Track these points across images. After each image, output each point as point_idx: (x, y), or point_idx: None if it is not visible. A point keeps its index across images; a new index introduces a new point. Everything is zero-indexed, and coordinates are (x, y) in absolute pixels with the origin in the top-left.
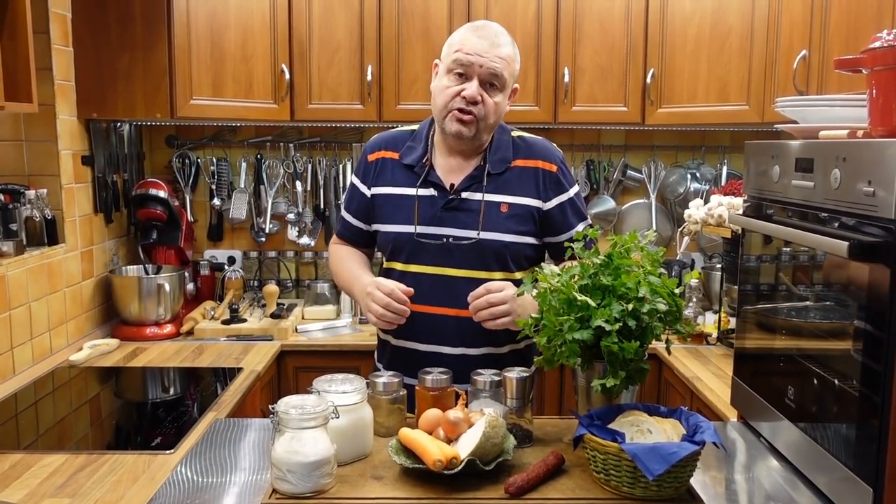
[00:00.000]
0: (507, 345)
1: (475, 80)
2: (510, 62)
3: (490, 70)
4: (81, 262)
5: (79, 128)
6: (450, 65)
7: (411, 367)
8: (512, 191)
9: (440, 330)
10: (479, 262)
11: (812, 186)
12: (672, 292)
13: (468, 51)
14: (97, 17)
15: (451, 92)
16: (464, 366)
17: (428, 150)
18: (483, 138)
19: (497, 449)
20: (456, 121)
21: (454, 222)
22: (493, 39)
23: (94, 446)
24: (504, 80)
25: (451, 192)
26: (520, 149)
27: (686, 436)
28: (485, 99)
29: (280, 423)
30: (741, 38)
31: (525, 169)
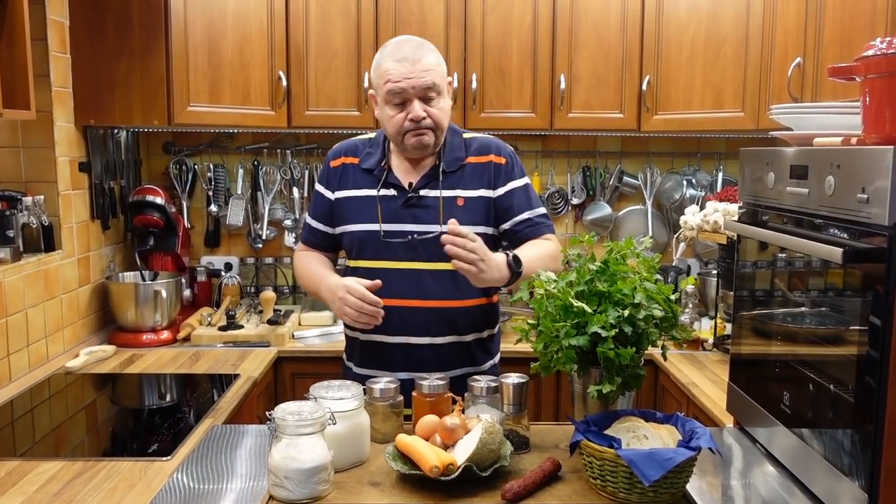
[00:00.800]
0: (472, 333)
1: (414, 101)
2: (436, 68)
3: (422, 86)
4: (78, 268)
5: (76, 134)
6: (385, 97)
7: (383, 360)
8: (465, 185)
9: (408, 321)
10: (442, 253)
11: (807, 193)
12: (668, 298)
13: (396, 79)
14: (95, 25)
15: (398, 119)
16: (431, 355)
17: (385, 154)
18: (441, 141)
19: (494, 455)
20: (414, 137)
21: (415, 218)
22: (413, 58)
23: (90, 453)
24: (439, 87)
25: (409, 190)
26: (471, 147)
27: (682, 442)
28: (430, 112)
29: (277, 429)
30: (736, 45)
31: (477, 164)
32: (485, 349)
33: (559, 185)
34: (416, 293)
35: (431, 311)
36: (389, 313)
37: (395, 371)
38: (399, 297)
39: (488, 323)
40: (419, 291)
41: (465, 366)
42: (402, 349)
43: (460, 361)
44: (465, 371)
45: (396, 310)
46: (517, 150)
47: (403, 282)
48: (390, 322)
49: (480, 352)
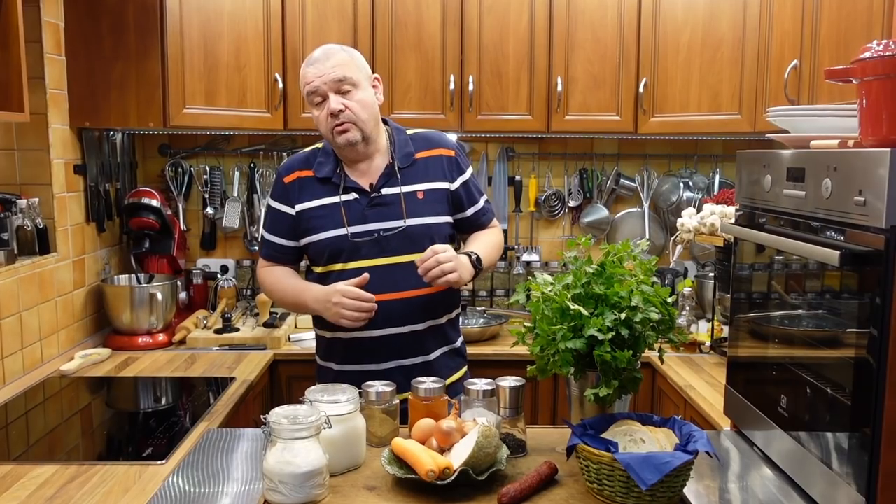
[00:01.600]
0: (444, 315)
1: (330, 96)
2: (347, 63)
3: (333, 79)
4: (73, 271)
5: (71, 137)
6: (307, 99)
7: (369, 354)
8: (422, 179)
9: (388, 314)
10: (409, 246)
11: (803, 196)
12: (665, 301)
13: (310, 79)
14: (90, 27)
15: (322, 117)
16: (412, 341)
17: (338, 161)
18: (373, 135)
19: (490, 459)
20: (339, 134)
21: (380, 217)
22: (324, 58)
23: (85, 457)
24: (353, 80)
25: (371, 190)
26: (418, 142)
27: (679, 445)
28: (347, 104)
29: (272, 433)
30: (733, 47)
31: (428, 158)
32: (454, 327)
33: (556, 187)
34: (390, 286)
35: (408, 301)
36: None
37: (381, 362)
38: (376, 292)
39: (454, 303)
40: (393, 284)
41: (441, 346)
42: (386, 340)
43: (437, 342)
44: (443, 350)
45: (377, 304)
46: (514, 153)
47: (377, 278)
48: (374, 317)
49: (452, 330)
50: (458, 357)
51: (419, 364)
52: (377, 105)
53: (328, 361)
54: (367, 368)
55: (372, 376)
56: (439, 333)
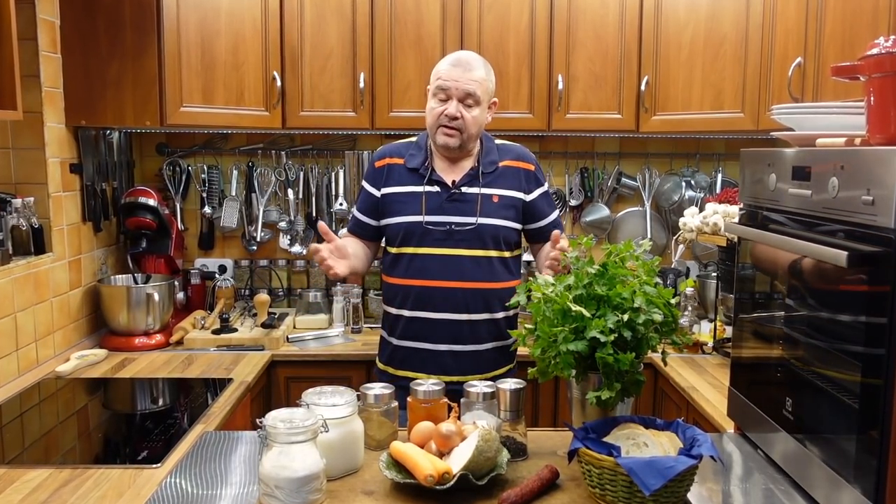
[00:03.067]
0: (501, 311)
1: (454, 101)
2: (482, 82)
3: (464, 90)
4: (69, 271)
5: (67, 135)
6: (434, 90)
7: (425, 335)
8: (500, 185)
9: (449, 299)
10: (478, 242)
11: (809, 195)
12: (668, 302)
13: (446, 78)
14: (86, 24)
15: (437, 112)
16: (468, 330)
17: (428, 155)
18: (469, 146)
19: (490, 463)
20: (443, 135)
21: (456, 211)
22: (467, 66)
23: (80, 459)
24: (478, 97)
25: (452, 187)
26: (503, 153)
27: (683, 449)
28: (463, 114)
29: (268, 437)
30: (735, 45)
31: (509, 168)
32: (511, 325)
33: (557, 186)
34: (456, 275)
35: (469, 291)
36: (433, 293)
37: (436, 343)
38: (442, 278)
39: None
40: (459, 273)
41: (495, 340)
42: (444, 324)
43: (491, 336)
44: (496, 345)
45: (439, 290)
46: None
47: (444, 266)
48: (434, 300)
49: (507, 326)
50: (508, 353)
51: (471, 352)
52: (484, 126)
53: (390, 336)
54: (423, 346)
55: (426, 355)
56: (494, 328)
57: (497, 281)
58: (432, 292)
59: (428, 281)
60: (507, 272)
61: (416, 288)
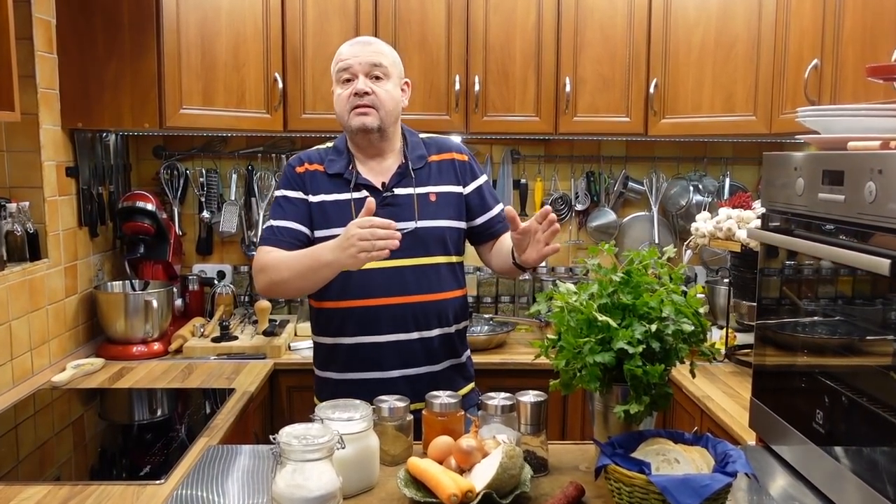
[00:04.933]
0: (454, 324)
1: (360, 76)
2: (387, 54)
3: (368, 62)
4: (65, 277)
5: (63, 138)
6: (336, 76)
7: (374, 361)
8: (435, 182)
9: (397, 318)
10: (421, 249)
11: (842, 200)
12: (697, 312)
13: (344, 57)
14: (83, 24)
15: (345, 95)
16: (421, 349)
17: (351, 159)
18: (388, 129)
19: (514, 481)
20: (357, 115)
21: (391, 217)
22: (365, 43)
23: (78, 474)
24: (386, 69)
25: (383, 189)
26: (430, 146)
27: (717, 466)
28: (374, 89)
29: (281, 454)
30: (747, 46)
31: (441, 162)
32: (462, 340)
33: (563, 190)
34: (400, 289)
35: (419, 305)
36: (377, 313)
37: (386, 370)
38: (385, 295)
39: (465, 314)
40: (403, 287)
41: (449, 357)
42: (393, 347)
43: (445, 353)
44: (452, 363)
45: (385, 308)
46: (519, 155)
47: (387, 280)
48: (379, 321)
49: (460, 343)
50: (465, 370)
51: (426, 374)
52: (401, 107)
53: (327, 371)
54: (371, 377)
55: (375, 385)
56: (448, 344)
57: (447, 290)
58: (376, 312)
59: (369, 300)
60: (455, 280)
61: (356, 310)
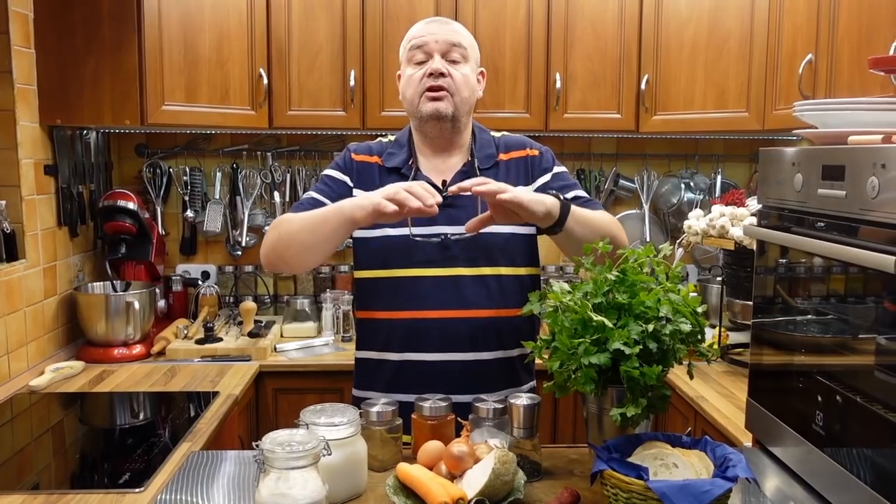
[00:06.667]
0: (517, 347)
1: (436, 56)
2: (466, 36)
3: (447, 41)
4: (43, 278)
5: (41, 135)
6: (408, 55)
7: (420, 384)
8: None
9: (449, 335)
10: (482, 257)
11: (843, 196)
12: (695, 311)
13: (420, 34)
14: (61, 18)
15: (417, 76)
16: (474, 372)
17: (412, 153)
18: (462, 120)
19: (507, 487)
20: (429, 100)
21: (449, 219)
22: (443, 21)
23: (56, 482)
24: (465, 51)
25: (443, 188)
26: (500, 145)
27: (717, 471)
28: (451, 71)
29: (265, 461)
30: (740, 42)
31: (510, 161)
32: (527, 368)
33: None
34: (455, 302)
35: (475, 322)
36: (427, 327)
37: (435, 393)
38: (437, 307)
39: (532, 336)
40: (459, 300)
41: (508, 386)
42: (444, 367)
43: (504, 381)
44: (508, 392)
45: (437, 322)
46: None
47: (441, 290)
48: (428, 337)
49: (523, 370)
50: None
51: None
52: (476, 97)
53: (368, 390)
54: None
55: None
56: (507, 370)
57: (510, 306)
58: (427, 326)
59: (420, 312)
60: (523, 295)
61: (404, 322)
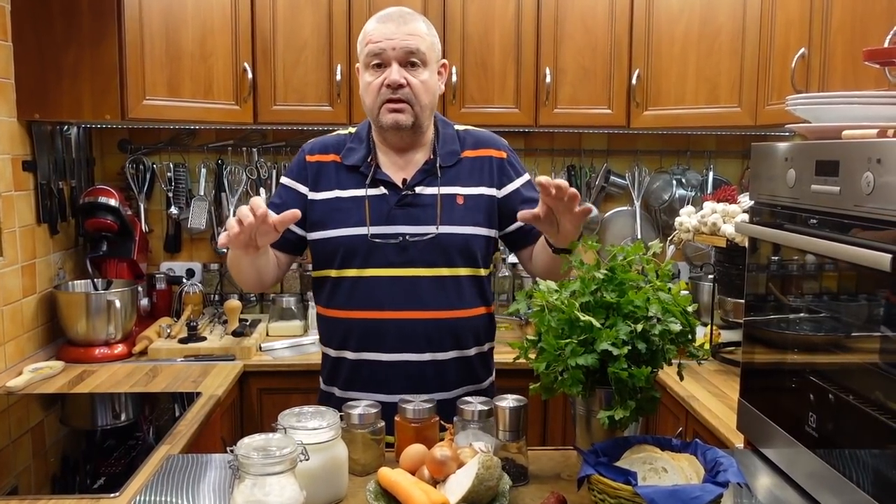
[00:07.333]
0: (474, 346)
1: (394, 65)
2: (424, 37)
3: (404, 48)
4: (22, 277)
5: (19, 130)
6: (365, 60)
7: (378, 382)
8: (465, 182)
9: (406, 335)
10: (441, 258)
11: (837, 192)
12: (685, 310)
13: (376, 39)
14: (39, 10)
15: (375, 85)
16: (433, 372)
17: (371, 149)
18: (423, 124)
19: (491, 492)
20: (389, 112)
21: (409, 219)
22: (400, 20)
23: (31, 488)
24: (423, 55)
25: (403, 187)
26: (466, 140)
27: (708, 475)
28: (409, 80)
29: (240, 467)
30: (732, 37)
31: (475, 159)
32: (485, 364)
33: None
34: (413, 303)
35: (433, 323)
36: (385, 327)
37: (391, 392)
38: (395, 308)
39: (488, 335)
40: (417, 301)
41: (466, 384)
42: (401, 367)
43: (462, 379)
44: (467, 389)
45: (393, 323)
46: None
47: (399, 290)
48: (386, 337)
49: (482, 367)
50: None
51: (438, 402)
52: (437, 96)
53: (331, 386)
54: (374, 399)
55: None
56: (465, 369)
57: (468, 307)
58: (383, 326)
59: (377, 312)
60: (480, 295)
61: (361, 322)
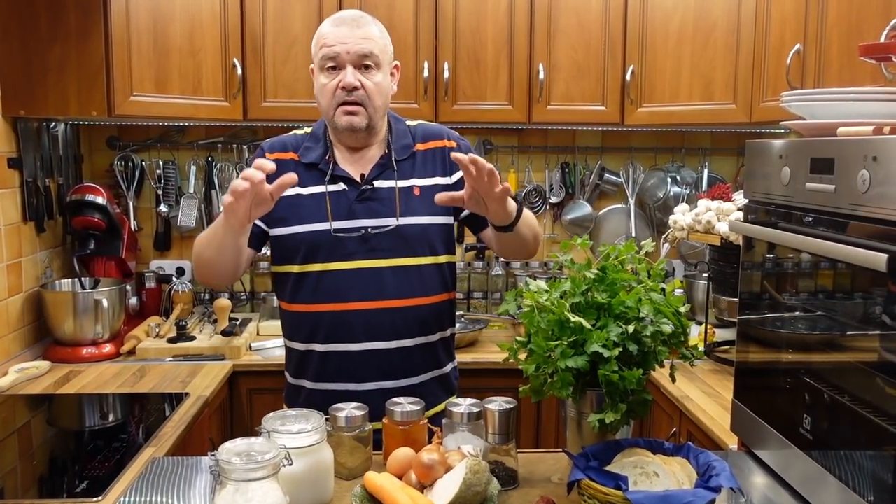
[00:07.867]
0: (437, 332)
1: (348, 68)
2: (377, 39)
3: (358, 52)
4: (8, 275)
5: (4, 127)
6: (320, 62)
7: (347, 372)
8: (419, 174)
9: (373, 325)
10: (403, 248)
11: (833, 190)
12: (677, 311)
13: (331, 42)
14: (24, 4)
15: (331, 87)
16: (399, 359)
17: (328, 147)
18: (377, 125)
19: (479, 497)
20: (344, 114)
21: (369, 213)
22: (353, 24)
23: (14, 492)
24: (377, 58)
25: (362, 182)
26: (417, 134)
27: (700, 480)
28: (363, 83)
29: (221, 473)
30: (727, 33)
31: (426, 151)
32: (447, 350)
33: (536, 182)
34: (377, 293)
35: (398, 311)
36: (352, 319)
37: (360, 381)
38: (360, 299)
39: (451, 320)
40: (381, 291)
41: (431, 369)
42: (369, 356)
43: (427, 364)
44: (433, 375)
45: (359, 314)
46: (492, 145)
47: (363, 282)
48: (354, 328)
49: (444, 353)
50: (448, 383)
51: (405, 388)
52: (390, 96)
53: (300, 379)
54: (345, 388)
55: (349, 397)
56: (429, 354)
57: (430, 294)
58: (350, 318)
59: (343, 304)
60: (441, 282)
61: (328, 314)
